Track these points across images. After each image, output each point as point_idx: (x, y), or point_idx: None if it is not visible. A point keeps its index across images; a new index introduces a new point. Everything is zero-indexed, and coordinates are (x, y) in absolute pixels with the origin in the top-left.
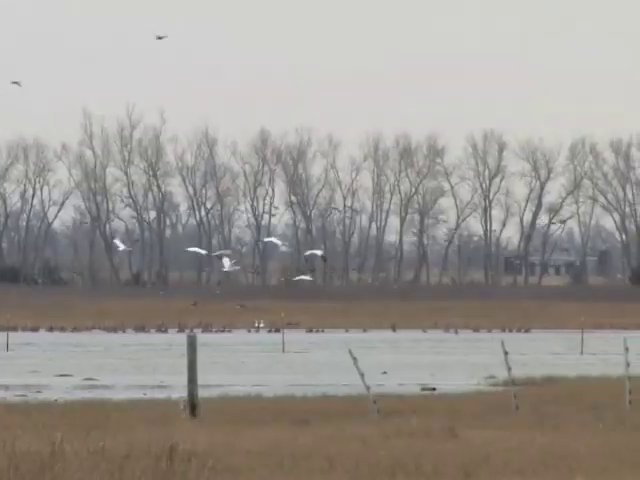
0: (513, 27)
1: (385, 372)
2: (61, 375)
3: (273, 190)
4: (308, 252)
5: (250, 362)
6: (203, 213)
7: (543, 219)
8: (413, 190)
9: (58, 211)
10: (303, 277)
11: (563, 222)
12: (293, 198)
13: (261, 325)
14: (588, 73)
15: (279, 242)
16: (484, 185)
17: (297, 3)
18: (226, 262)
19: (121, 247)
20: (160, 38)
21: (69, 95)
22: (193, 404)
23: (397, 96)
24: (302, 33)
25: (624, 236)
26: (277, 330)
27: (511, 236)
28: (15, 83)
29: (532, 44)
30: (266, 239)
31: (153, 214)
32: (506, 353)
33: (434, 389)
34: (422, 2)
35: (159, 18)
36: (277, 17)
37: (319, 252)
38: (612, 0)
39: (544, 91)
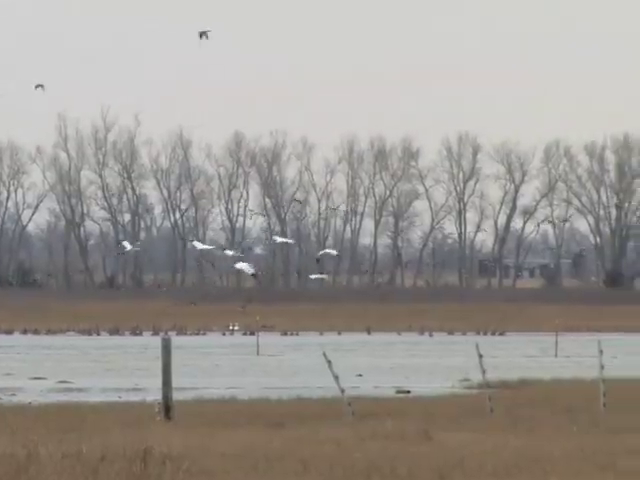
0: (513, 27)
1: (360, 375)
2: (35, 378)
3: (247, 193)
4: (321, 252)
5: (225, 365)
6: (178, 216)
7: (517, 222)
8: (388, 193)
9: (32, 214)
10: (319, 276)
11: (564, 221)
12: (267, 201)
13: (235, 328)
14: (588, 73)
15: (290, 240)
16: (458, 188)
17: (297, 3)
18: (240, 264)
19: (128, 247)
20: (204, 34)
21: (69, 95)
22: (168, 407)
23: (397, 96)
24: (302, 33)
25: (598, 239)
26: (252, 333)
27: (485, 239)
28: (39, 86)
29: (532, 44)
30: (278, 239)
31: (128, 217)
32: (480, 356)
33: (409, 392)
34: (422, 2)
35: (159, 18)
36: (277, 17)
37: (334, 252)
38: (612, 0)
39: (544, 91)
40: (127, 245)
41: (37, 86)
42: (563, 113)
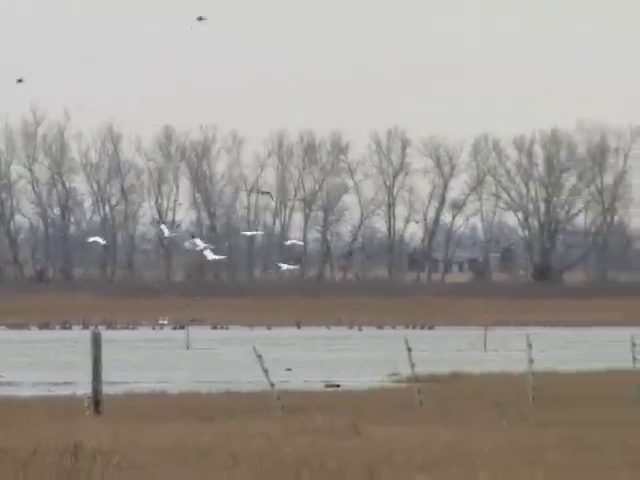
0: (513, 27)
1: (289, 369)
2: None
3: (177, 187)
4: (289, 242)
5: (154, 359)
6: (107, 210)
7: (446, 216)
8: (317, 187)
9: None
10: (288, 266)
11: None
12: (197, 195)
13: (165, 322)
14: (588, 73)
15: (259, 232)
16: (388, 182)
17: (297, 3)
18: (209, 254)
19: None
20: (200, 19)
21: (69, 94)
22: (97, 401)
23: (397, 96)
24: (302, 33)
25: (527, 232)
26: (181, 327)
27: (415, 232)
28: (20, 81)
29: (532, 44)
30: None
31: (57, 210)
32: (409, 350)
33: (338, 386)
34: (422, 2)
35: (159, 18)
36: (277, 17)
37: (299, 242)
38: (612, 0)
39: (544, 91)
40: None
41: (18, 80)
42: (563, 113)
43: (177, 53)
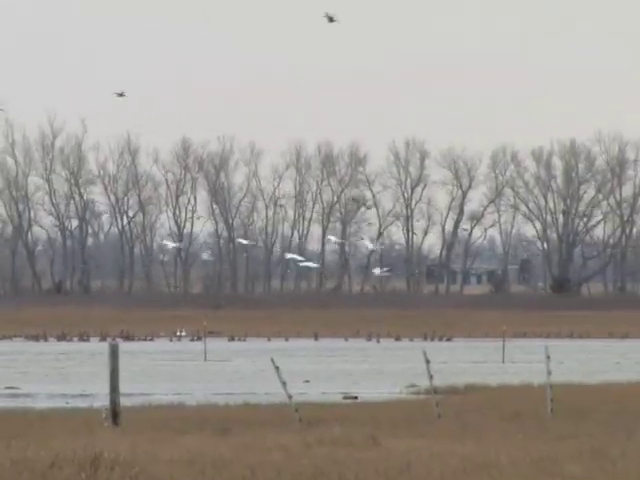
0: (513, 27)
1: (307, 381)
2: None
3: (195, 198)
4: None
5: (172, 371)
6: (125, 221)
7: (465, 227)
8: (335, 198)
9: None
10: (381, 271)
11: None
12: (215, 207)
13: (183, 334)
14: (588, 73)
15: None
16: (406, 194)
17: (297, 3)
18: (310, 263)
19: (170, 245)
20: (331, 19)
21: (68, 95)
22: (115, 412)
23: (397, 96)
24: (302, 33)
25: (545, 245)
26: (199, 338)
27: (433, 244)
28: (120, 95)
29: (532, 44)
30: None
31: (75, 222)
32: (428, 362)
33: (356, 397)
34: (422, 2)
35: (159, 18)
36: (277, 17)
37: (381, 246)
38: (612, 0)
39: (544, 91)
40: (168, 243)
41: (120, 94)
42: (563, 113)
43: (177, 53)
